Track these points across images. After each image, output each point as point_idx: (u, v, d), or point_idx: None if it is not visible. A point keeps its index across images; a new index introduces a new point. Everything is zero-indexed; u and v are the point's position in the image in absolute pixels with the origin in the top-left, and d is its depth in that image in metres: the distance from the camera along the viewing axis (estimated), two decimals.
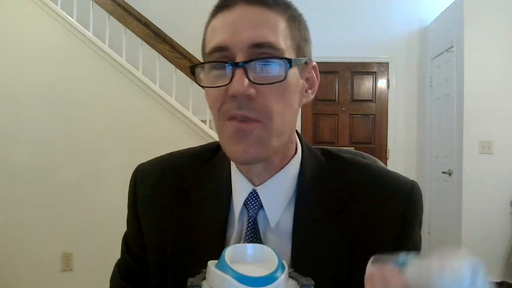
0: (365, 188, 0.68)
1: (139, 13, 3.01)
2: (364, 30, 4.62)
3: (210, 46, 0.62)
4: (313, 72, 0.69)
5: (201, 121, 2.93)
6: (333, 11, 4.67)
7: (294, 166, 0.68)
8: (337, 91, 4.76)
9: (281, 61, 0.60)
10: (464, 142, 3.77)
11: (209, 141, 0.74)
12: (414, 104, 4.76)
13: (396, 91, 4.73)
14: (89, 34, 3.00)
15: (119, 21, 3.01)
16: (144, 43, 2.98)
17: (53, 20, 3.01)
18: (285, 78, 0.59)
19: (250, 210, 0.66)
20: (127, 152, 2.87)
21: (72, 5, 3.06)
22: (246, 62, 0.58)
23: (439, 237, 4.28)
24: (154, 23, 3.00)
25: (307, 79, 0.68)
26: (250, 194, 0.67)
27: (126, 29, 3.00)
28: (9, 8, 3.04)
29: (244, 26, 0.60)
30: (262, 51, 0.59)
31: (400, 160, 4.68)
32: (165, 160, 0.77)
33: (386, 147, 4.73)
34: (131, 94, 2.96)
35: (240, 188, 0.67)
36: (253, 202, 0.66)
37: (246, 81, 0.58)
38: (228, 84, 0.59)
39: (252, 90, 0.58)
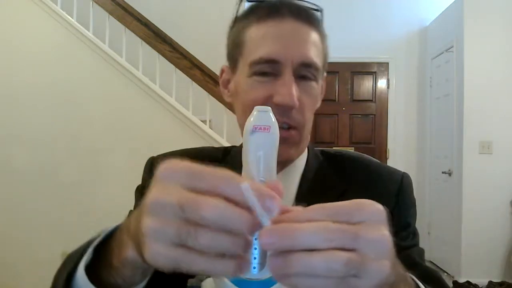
0: (361, 177, 0.74)
1: (139, 13, 3.01)
2: (364, 30, 4.63)
3: (258, 54, 0.65)
4: (323, 82, 0.77)
5: (201, 121, 2.93)
6: (333, 11, 4.64)
7: (302, 162, 0.74)
8: (337, 91, 4.76)
9: (317, 80, 0.69)
10: (464, 142, 3.77)
11: (209, 141, 0.75)
12: (414, 104, 4.76)
13: (396, 91, 4.73)
14: (89, 34, 3.00)
15: (119, 21, 3.01)
16: (144, 43, 2.98)
17: (53, 20, 3.01)
18: (316, 90, 0.69)
19: None
20: (127, 152, 2.87)
21: (72, 5, 3.06)
22: (296, 77, 0.65)
23: (439, 237, 4.28)
24: (154, 23, 3.00)
25: (321, 87, 0.75)
26: None
27: (126, 29, 3.00)
28: (9, 8, 3.04)
29: (294, 43, 0.65)
30: (308, 70, 0.66)
31: (400, 160, 4.68)
32: (180, 153, 0.78)
33: (386, 147, 4.73)
34: (131, 94, 2.96)
35: None
36: None
37: (295, 94, 0.64)
38: (271, 93, 0.64)
39: (298, 103, 0.65)
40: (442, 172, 4.15)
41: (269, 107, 0.44)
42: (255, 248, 0.42)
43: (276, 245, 0.32)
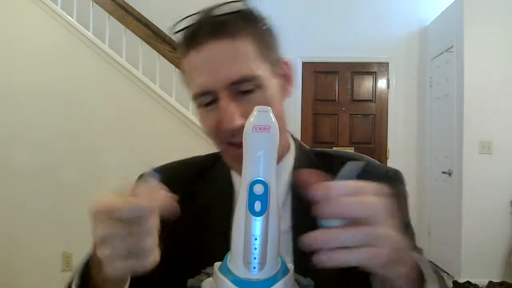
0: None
1: (139, 13, 3.01)
2: (364, 30, 4.63)
3: (193, 90, 0.67)
4: (287, 68, 0.73)
5: None
6: (333, 11, 4.67)
7: (289, 160, 0.74)
8: (337, 91, 4.76)
9: (260, 86, 0.65)
10: (464, 142, 3.77)
11: (209, 141, 0.76)
12: (414, 104, 4.76)
13: (396, 91, 4.73)
14: (89, 34, 3.00)
15: (119, 21, 3.01)
16: (144, 43, 2.98)
17: (53, 20, 3.01)
18: (266, 93, 0.66)
19: None
20: (127, 152, 2.87)
21: (72, 5, 3.06)
22: (232, 99, 0.64)
23: (439, 237, 4.29)
24: (154, 23, 3.00)
25: (282, 76, 0.71)
26: None
27: (126, 29, 3.00)
28: (9, 8, 3.04)
29: (218, 66, 0.64)
30: (243, 85, 0.64)
31: (400, 160, 4.68)
32: (170, 167, 0.82)
33: (386, 147, 4.74)
34: (131, 94, 2.96)
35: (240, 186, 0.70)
36: None
37: (236, 117, 0.63)
38: (219, 119, 0.65)
39: (242, 121, 0.62)
40: (442, 172, 4.15)
41: (269, 107, 0.44)
42: (255, 248, 0.42)
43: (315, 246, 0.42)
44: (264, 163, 0.43)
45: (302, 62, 4.69)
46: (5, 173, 2.95)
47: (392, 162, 4.65)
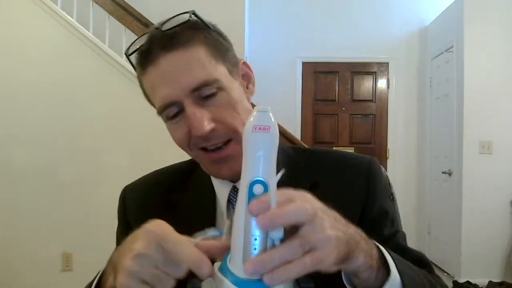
0: (329, 169, 0.76)
1: (139, 13, 3.01)
2: (364, 30, 4.63)
3: (157, 104, 0.69)
4: (245, 68, 0.76)
5: None
6: (333, 11, 4.67)
7: None
8: (337, 91, 4.76)
9: (222, 88, 0.67)
10: (464, 142, 3.77)
11: None
12: (414, 104, 4.76)
13: (396, 91, 4.73)
14: (89, 34, 2.99)
15: (119, 21, 3.01)
16: None
17: (53, 20, 3.01)
18: (229, 94, 0.68)
19: (234, 204, 0.69)
20: (127, 152, 2.87)
21: (72, 5, 3.06)
22: (196, 105, 0.66)
23: (439, 237, 4.28)
24: (154, 23, 3.00)
25: (242, 76, 0.75)
26: (231, 191, 0.74)
27: (126, 29, 3.00)
28: (9, 8, 3.04)
29: (176, 76, 0.66)
30: (204, 90, 0.66)
31: (400, 160, 4.68)
32: (150, 177, 0.85)
33: (386, 147, 4.73)
34: (131, 94, 2.96)
35: (221, 189, 0.75)
36: (235, 197, 0.72)
37: (205, 122, 0.65)
38: (188, 127, 0.67)
39: (212, 125, 0.66)
40: (442, 172, 4.15)
41: (269, 107, 0.44)
42: (255, 249, 0.42)
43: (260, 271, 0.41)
44: (264, 163, 0.43)
45: (302, 62, 4.69)
46: (5, 173, 2.95)
47: (392, 162, 4.66)
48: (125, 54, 0.72)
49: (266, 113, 0.44)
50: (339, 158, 0.79)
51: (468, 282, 3.54)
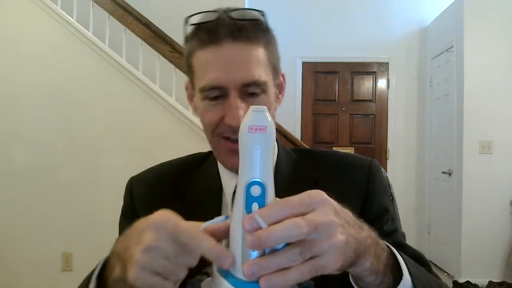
0: (330, 168, 0.79)
1: (139, 13, 3.01)
2: (364, 30, 4.63)
3: (203, 82, 0.70)
4: (282, 79, 0.80)
5: None
6: (333, 11, 4.67)
7: (273, 157, 0.77)
8: (337, 91, 4.76)
9: (265, 92, 0.71)
10: (464, 142, 3.77)
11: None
12: (414, 104, 4.76)
13: (396, 91, 4.73)
14: (89, 34, 2.99)
15: (119, 21, 3.01)
16: (144, 43, 2.98)
17: (53, 20, 3.01)
18: (268, 99, 0.72)
19: None
20: (127, 152, 2.87)
21: (72, 5, 3.05)
22: (240, 98, 0.69)
23: (439, 237, 4.28)
24: (154, 23, 3.00)
25: (277, 86, 0.78)
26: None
27: (126, 29, 3.00)
28: (9, 8, 3.04)
29: (233, 66, 0.69)
30: (252, 88, 0.70)
31: (400, 160, 4.68)
32: (157, 168, 0.85)
33: (386, 147, 4.73)
34: (131, 94, 2.96)
35: (228, 181, 0.76)
36: None
37: (241, 114, 0.67)
38: (223, 114, 0.70)
39: None
40: (442, 172, 4.15)
41: (265, 107, 0.44)
42: (254, 251, 0.42)
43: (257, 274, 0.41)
44: (261, 164, 0.43)
45: (302, 62, 4.69)
46: (5, 173, 2.95)
47: (392, 162, 4.65)
48: (185, 19, 0.73)
49: (262, 113, 0.43)
50: (340, 158, 0.82)
51: (468, 282, 3.54)
